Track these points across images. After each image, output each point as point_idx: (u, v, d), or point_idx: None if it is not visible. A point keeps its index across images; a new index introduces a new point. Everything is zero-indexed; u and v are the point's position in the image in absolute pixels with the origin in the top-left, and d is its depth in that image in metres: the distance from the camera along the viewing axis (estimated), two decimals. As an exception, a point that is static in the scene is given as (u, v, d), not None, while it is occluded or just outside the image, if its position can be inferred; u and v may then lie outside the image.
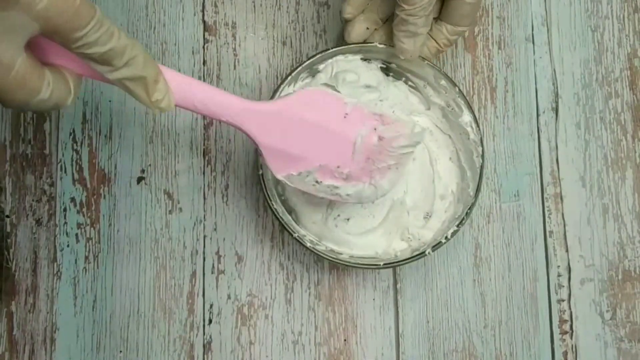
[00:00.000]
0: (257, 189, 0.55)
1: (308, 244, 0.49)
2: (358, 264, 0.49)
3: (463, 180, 0.53)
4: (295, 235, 0.49)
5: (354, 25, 0.51)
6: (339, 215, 0.52)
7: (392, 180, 0.49)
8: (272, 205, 0.49)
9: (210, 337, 0.54)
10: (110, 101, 0.56)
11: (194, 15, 0.58)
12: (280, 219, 0.49)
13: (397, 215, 0.52)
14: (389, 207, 0.52)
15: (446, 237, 0.49)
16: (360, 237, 0.52)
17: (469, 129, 0.51)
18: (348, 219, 0.52)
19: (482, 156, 0.51)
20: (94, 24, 0.34)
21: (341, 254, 0.51)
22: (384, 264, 0.49)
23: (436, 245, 0.49)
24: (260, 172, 0.50)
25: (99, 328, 0.54)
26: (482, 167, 0.51)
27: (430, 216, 0.52)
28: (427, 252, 0.49)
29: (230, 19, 0.58)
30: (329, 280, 0.55)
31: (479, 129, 0.51)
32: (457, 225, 0.50)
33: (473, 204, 0.50)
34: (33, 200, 0.55)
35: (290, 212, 0.52)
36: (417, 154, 0.53)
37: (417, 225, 0.52)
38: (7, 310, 0.54)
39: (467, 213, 0.50)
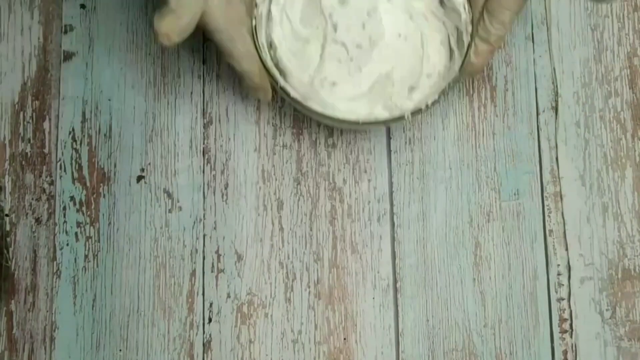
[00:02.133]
0: (257, 188, 0.55)
1: (292, 94, 0.50)
2: (336, 118, 0.50)
3: (451, 61, 0.53)
4: (280, 84, 0.50)
5: None
6: (325, 78, 0.53)
7: None
8: (261, 54, 0.50)
9: (210, 335, 0.54)
10: (109, 100, 0.56)
11: (194, 14, 0.57)
12: (269, 70, 0.50)
13: (382, 87, 0.53)
14: (375, 79, 0.53)
15: (427, 105, 0.50)
16: (344, 103, 0.52)
17: (461, 9, 0.51)
18: (334, 83, 0.53)
19: (472, 35, 0.51)
20: None
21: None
22: (362, 122, 0.50)
23: (416, 112, 0.50)
24: (254, 24, 0.50)
25: (98, 327, 0.54)
26: (469, 45, 0.51)
27: (414, 89, 0.53)
28: (406, 116, 0.50)
29: (229, 18, 0.58)
30: (329, 278, 0.55)
31: (471, 10, 0.51)
32: (439, 95, 0.50)
33: (457, 79, 0.50)
34: (32, 199, 0.55)
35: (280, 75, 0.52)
36: (410, 34, 0.54)
37: (401, 96, 0.53)
38: (7, 309, 0.54)
39: (449, 85, 0.50)
